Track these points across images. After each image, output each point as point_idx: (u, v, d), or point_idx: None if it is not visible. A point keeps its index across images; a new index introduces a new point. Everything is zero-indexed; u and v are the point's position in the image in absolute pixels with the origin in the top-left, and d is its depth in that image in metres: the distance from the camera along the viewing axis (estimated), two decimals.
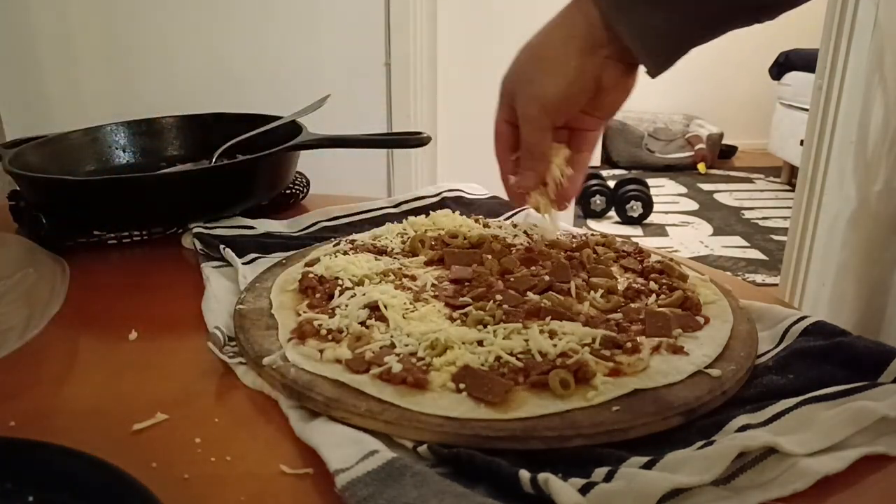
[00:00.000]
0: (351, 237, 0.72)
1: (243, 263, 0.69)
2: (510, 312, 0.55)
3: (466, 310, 0.55)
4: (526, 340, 0.50)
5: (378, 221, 0.80)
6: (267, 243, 0.75)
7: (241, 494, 0.40)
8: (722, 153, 4.39)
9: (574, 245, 0.68)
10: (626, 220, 3.30)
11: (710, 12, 0.50)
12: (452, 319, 0.54)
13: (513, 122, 0.59)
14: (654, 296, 0.59)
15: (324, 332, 0.53)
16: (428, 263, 0.66)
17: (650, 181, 3.56)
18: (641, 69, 0.54)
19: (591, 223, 3.32)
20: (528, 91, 0.56)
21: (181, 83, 1.45)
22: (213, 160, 0.88)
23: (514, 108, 0.58)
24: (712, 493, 0.38)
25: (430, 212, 0.75)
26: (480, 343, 0.50)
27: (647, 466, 0.39)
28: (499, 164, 0.63)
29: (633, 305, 0.56)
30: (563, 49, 0.54)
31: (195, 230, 0.75)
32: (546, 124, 0.57)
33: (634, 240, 0.72)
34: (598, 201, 3.37)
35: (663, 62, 0.52)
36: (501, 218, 0.80)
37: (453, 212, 0.75)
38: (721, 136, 4.32)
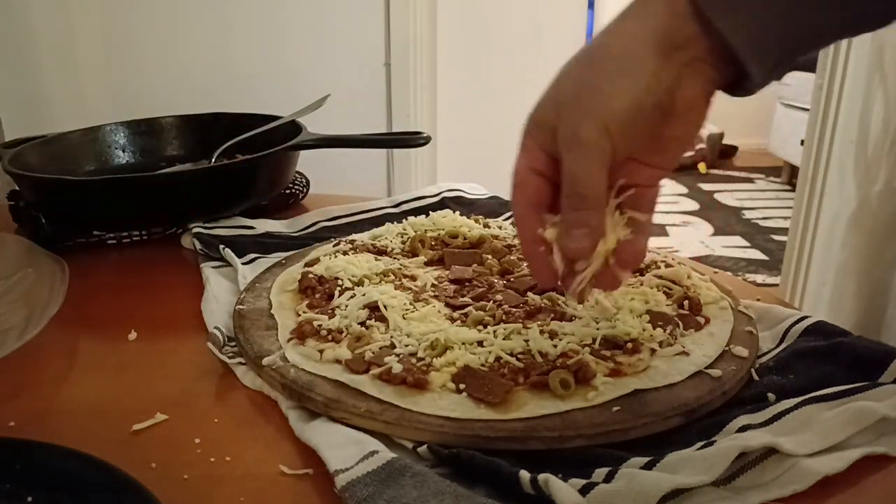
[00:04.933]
0: (351, 237, 0.72)
1: (243, 263, 0.69)
2: (510, 312, 0.55)
3: (466, 310, 0.55)
4: (526, 341, 0.50)
5: (378, 221, 0.80)
6: (267, 243, 0.75)
7: (240, 494, 0.40)
8: (722, 153, 4.39)
9: None
10: None
11: (837, 19, 0.39)
12: (452, 320, 0.54)
13: (541, 169, 0.44)
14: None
15: (323, 332, 0.53)
16: (428, 263, 0.66)
17: None
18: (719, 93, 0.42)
19: None
20: (582, 105, 0.40)
21: (181, 83, 1.45)
22: (213, 160, 0.88)
23: (551, 145, 0.42)
24: (713, 494, 0.38)
25: (430, 212, 0.75)
26: (480, 343, 0.50)
27: (648, 467, 0.39)
28: (518, 228, 0.46)
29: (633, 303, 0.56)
30: (634, 45, 0.40)
31: (195, 230, 0.75)
32: (607, 152, 0.41)
33: None
34: None
35: (774, 69, 0.40)
36: (501, 218, 0.80)
37: (453, 212, 0.75)
38: (721, 135, 4.32)
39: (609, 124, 0.40)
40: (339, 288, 0.59)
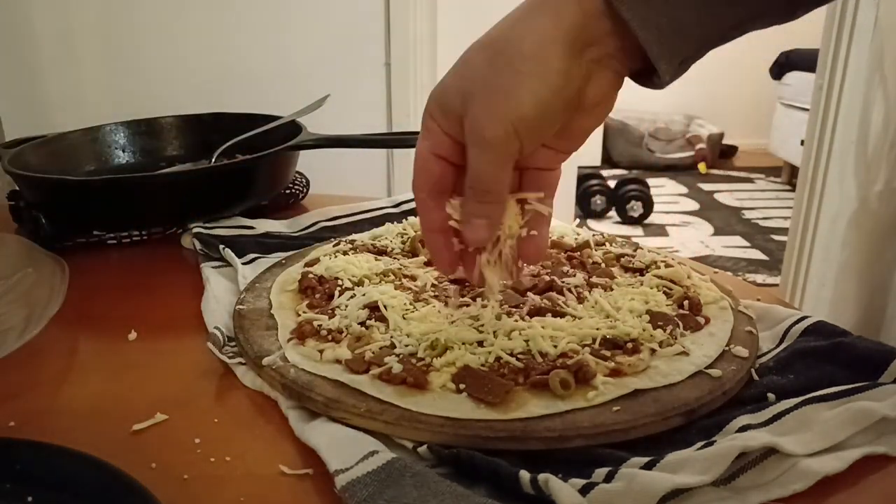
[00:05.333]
0: (351, 237, 0.72)
1: (243, 263, 0.69)
2: (510, 312, 0.55)
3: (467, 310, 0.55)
4: (526, 341, 0.50)
5: (378, 221, 0.80)
6: (267, 243, 0.75)
7: (240, 495, 0.40)
8: (722, 153, 4.39)
9: (574, 245, 0.68)
10: (627, 220, 3.30)
11: (747, 12, 0.40)
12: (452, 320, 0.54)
13: (444, 154, 0.44)
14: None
15: (323, 332, 0.53)
16: (428, 263, 0.66)
17: (650, 181, 3.56)
18: (628, 81, 0.43)
19: (591, 223, 3.32)
20: (491, 105, 0.40)
21: (181, 83, 1.45)
22: (213, 160, 0.88)
23: (457, 133, 0.43)
24: (713, 494, 0.38)
25: None
26: (480, 343, 0.50)
27: (648, 467, 0.39)
28: (420, 215, 0.46)
29: (633, 303, 0.56)
30: (547, 44, 0.39)
31: (195, 230, 0.75)
32: (514, 152, 0.42)
33: (635, 240, 0.72)
34: (598, 201, 3.37)
35: (680, 65, 0.41)
36: None
37: None
38: (721, 135, 4.32)
39: (518, 126, 0.40)
40: (339, 288, 0.59)
